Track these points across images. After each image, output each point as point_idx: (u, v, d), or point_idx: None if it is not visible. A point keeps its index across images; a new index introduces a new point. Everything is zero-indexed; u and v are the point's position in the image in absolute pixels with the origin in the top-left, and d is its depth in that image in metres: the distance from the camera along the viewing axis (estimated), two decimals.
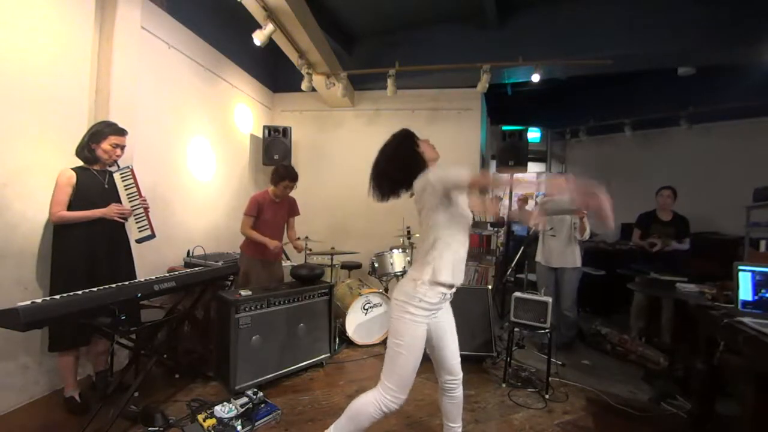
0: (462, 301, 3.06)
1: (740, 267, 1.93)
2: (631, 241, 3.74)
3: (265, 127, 4.56)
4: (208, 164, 3.91)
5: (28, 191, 2.18)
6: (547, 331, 2.63)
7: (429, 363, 3.04)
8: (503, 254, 4.54)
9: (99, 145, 2.17)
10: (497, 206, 1.43)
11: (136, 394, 2.06)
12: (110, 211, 2.17)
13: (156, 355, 2.31)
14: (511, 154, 4.30)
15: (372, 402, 1.56)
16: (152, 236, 2.38)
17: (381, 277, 3.71)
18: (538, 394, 2.58)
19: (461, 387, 1.82)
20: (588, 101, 5.96)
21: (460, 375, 1.80)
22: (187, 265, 3.31)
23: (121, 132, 2.24)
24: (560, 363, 2.99)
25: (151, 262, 3.03)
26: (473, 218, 1.71)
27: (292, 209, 3.25)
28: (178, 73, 3.41)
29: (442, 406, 1.85)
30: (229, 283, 2.99)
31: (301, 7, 3.23)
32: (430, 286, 1.55)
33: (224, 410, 2.09)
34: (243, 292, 2.51)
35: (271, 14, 3.08)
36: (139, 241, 2.35)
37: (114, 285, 1.91)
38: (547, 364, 2.64)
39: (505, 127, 4.53)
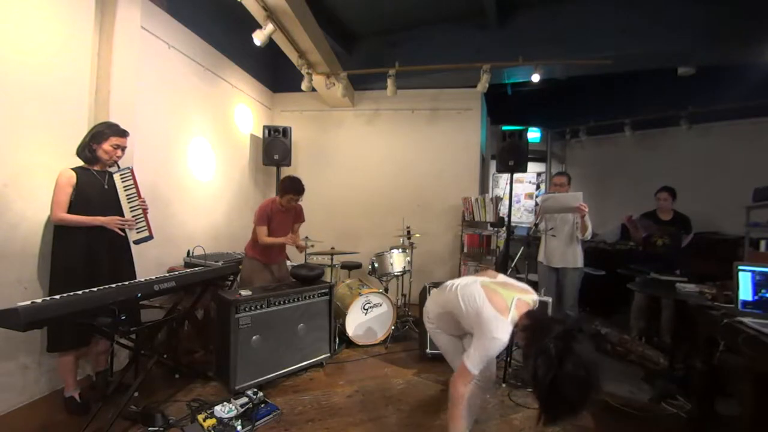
0: None
1: (740, 267, 1.92)
2: (632, 240, 3.74)
3: (265, 127, 4.56)
4: (208, 164, 3.91)
5: (28, 191, 2.17)
6: None
7: (429, 363, 3.05)
8: (503, 254, 4.54)
9: (100, 145, 2.17)
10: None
11: (136, 394, 2.07)
12: (112, 221, 2.18)
13: (156, 355, 2.32)
14: (511, 154, 4.30)
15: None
16: (150, 238, 2.38)
17: (381, 277, 3.71)
18: None
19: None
20: (588, 101, 5.95)
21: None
22: (187, 265, 3.30)
23: (123, 133, 2.24)
24: None
25: (151, 262, 3.03)
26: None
27: (297, 216, 3.25)
28: (178, 73, 3.41)
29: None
30: (229, 283, 2.99)
31: (301, 7, 3.23)
32: None
33: (224, 410, 2.09)
34: (243, 292, 2.51)
35: (271, 14, 3.08)
36: (137, 242, 2.35)
37: (114, 285, 1.91)
38: None
39: (505, 127, 4.53)
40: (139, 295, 1.96)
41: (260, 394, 2.28)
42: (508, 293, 1.66)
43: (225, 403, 2.16)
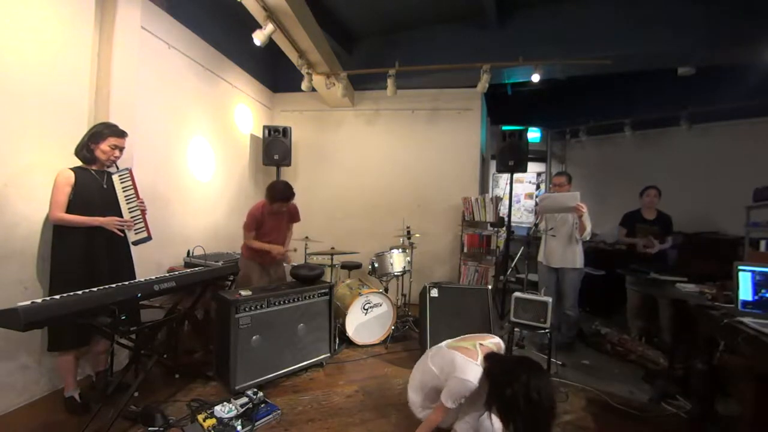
0: (462, 301, 3.08)
1: (740, 267, 1.93)
2: (617, 239, 3.77)
3: (265, 127, 4.56)
4: (208, 164, 3.91)
5: (28, 191, 2.17)
6: (547, 331, 2.64)
7: None
8: (503, 254, 4.54)
9: (98, 145, 2.17)
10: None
11: (136, 394, 2.07)
12: (110, 222, 2.17)
13: (156, 355, 2.31)
14: (511, 154, 4.30)
15: None
16: (148, 238, 2.38)
17: (381, 277, 3.71)
18: None
19: None
20: (588, 101, 5.95)
21: None
22: (187, 265, 3.30)
23: (121, 134, 2.24)
24: (560, 363, 2.99)
25: (151, 262, 3.03)
26: None
27: (293, 216, 3.24)
28: (178, 73, 3.41)
29: None
30: (229, 283, 2.99)
31: (301, 7, 3.23)
32: None
33: (224, 410, 2.10)
34: (243, 292, 2.51)
35: (271, 14, 3.08)
36: (135, 243, 2.35)
37: (114, 285, 1.91)
38: (547, 364, 2.64)
39: (505, 127, 4.53)
40: (139, 295, 1.96)
41: (260, 394, 2.28)
42: (471, 342, 1.88)
43: (225, 403, 2.16)
